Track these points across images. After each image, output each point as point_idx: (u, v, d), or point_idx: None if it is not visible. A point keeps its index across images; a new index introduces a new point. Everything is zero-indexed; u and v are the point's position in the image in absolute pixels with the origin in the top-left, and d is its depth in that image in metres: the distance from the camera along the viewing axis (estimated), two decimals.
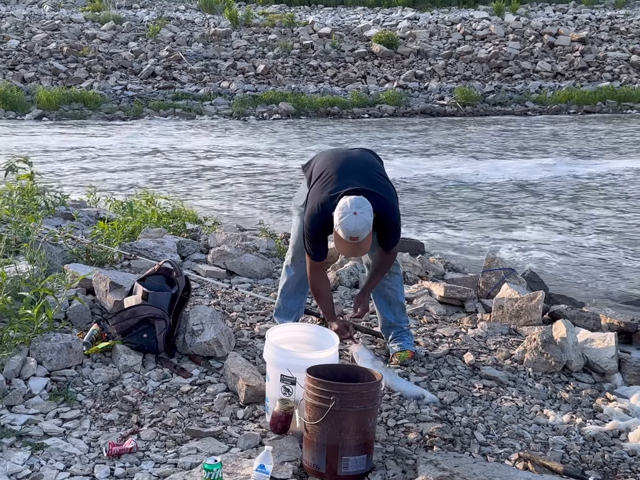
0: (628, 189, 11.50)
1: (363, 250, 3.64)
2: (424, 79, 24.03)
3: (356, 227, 3.46)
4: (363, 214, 3.47)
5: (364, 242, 3.54)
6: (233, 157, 14.33)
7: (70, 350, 3.70)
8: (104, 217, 6.52)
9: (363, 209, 3.48)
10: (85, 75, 22.59)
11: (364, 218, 3.47)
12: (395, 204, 3.79)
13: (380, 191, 3.69)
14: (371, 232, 3.55)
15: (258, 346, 4.14)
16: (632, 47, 26.22)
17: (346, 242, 3.52)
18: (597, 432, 3.55)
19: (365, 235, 3.50)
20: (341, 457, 2.93)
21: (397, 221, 3.78)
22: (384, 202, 3.67)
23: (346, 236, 3.49)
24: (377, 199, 3.61)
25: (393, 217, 3.74)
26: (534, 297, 4.85)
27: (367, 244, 3.58)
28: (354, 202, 3.49)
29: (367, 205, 3.51)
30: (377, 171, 3.87)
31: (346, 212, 3.48)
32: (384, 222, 3.69)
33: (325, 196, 3.67)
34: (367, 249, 3.65)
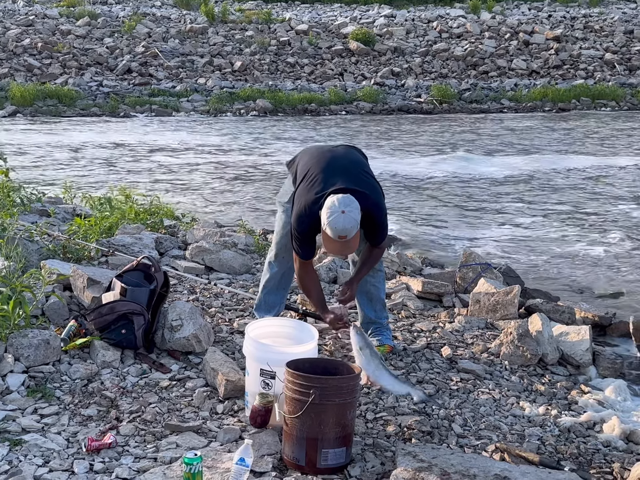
0: (593, 183, 11.69)
1: (352, 249, 3.66)
2: (400, 77, 24.11)
3: (345, 226, 3.47)
4: (351, 213, 3.49)
5: (353, 240, 3.56)
6: (210, 153, 14.29)
7: (47, 347, 3.68)
8: (80, 213, 6.48)
9: (351, 208, 3.50)
10: (60, 71, 22.37)
11: (352, 216, 3.49)
12: (381, 201, 3.81)
13: (366, 189, 3.70)
14: (359, 230, 3.57)
15: (237, 341, 4.15)
16: (606, 46, 26.51)
17: (335, 241, 3.54)
18: (572, 424, 3.60)
19: (353, 234, 3.52)
20: (320, 450, 2.95)
21: (383, 218, 3.79)
22: (370, 200, 3.68)
23: (335, 235, 3.51)
24: (363, 197, 3.63)
25: (379, 214, 3.75)
26: (510, 292, 4.90)
27: (355, 242, 3.60)
28: (341, 201, 3.51)
29: (355, 204, 3.53)
30: (363, 169, 3.88)
31: (334, 211, 3.49)
32: (371, 219, 3.70)
33: (312, 197, 3.69)
34: (356, 247, 3.68)
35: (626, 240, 8.33)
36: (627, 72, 25.14)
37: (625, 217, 9.46)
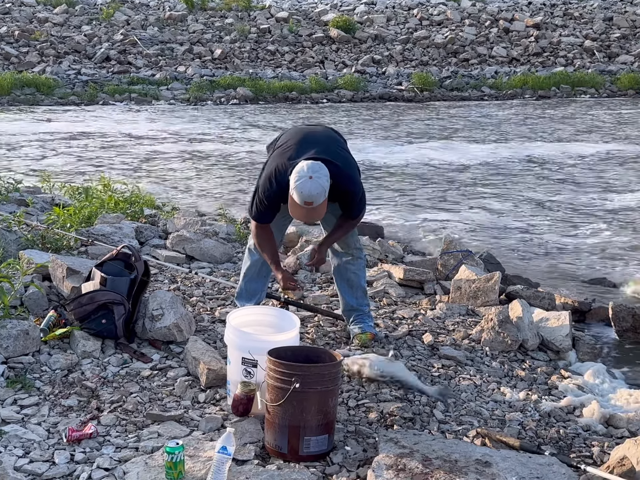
0: (564, 171, 11.76)
1: (317, 216, 3.63)
2: (381, 64, 24.08)
3: (311, 192, 3.45)
4: (319, 179, 3.46)
5: (319, 207, 3.53)
6: (189, 142, 14.20)
7: (27, 337, 3.65)
8: (59, 203, 6.42)
9: (319, 174, 3.48)
10: (38, 60, 22.12)
11: (319, 183, 3.46)
12: (355, 175, 3.79)
13: (339, 161, 3.69)
14: (326, 199, 3.54)
15: (219, 330, 4.14)
16: (586, 33, 26.64)
17: (301, 207, 3.51)
18: (553, 408, 3.64)
19: (320, 201, 3.49)
20: (303, 438, 2.96)
21: (357, 191, 3.77)
22: (342, 172, 3.67)
23: (301, 200, 3.48)
24: (336, 169, 3.61)
25: (352, 187, 3.73)
26: (490, 278, 4.93)
27: (321, 210, 3.57)
28: (310, 167, 3.49)
29: (324, 171, 3.51)
30: (339, 145, 3.88)
31: (302, 175, 3.47)
32: (343, 192, 3.68)
33: (284, 162, 3.67)
34: (322, 215, 3.65)
35: (601, 227, 8.40)
36: (606, 59, 25.30)
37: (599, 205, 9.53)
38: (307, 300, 4.79)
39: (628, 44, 26.12)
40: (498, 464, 2.82)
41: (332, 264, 4.30)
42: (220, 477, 2.71)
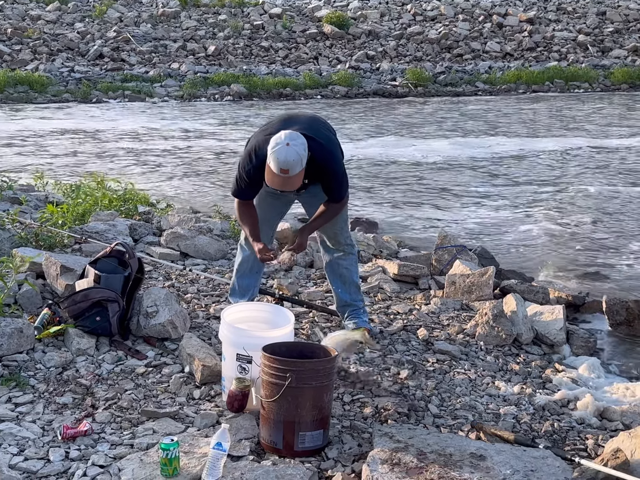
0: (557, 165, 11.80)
1: (293, 185, 3.56)
2: (375, 60, 24.05)
3: (287, 158, 3.41)
4: (296, 147, 3.43)
5: (295, 177, 3.49)
6: (183, 139, 14.18)
7: (21, 335, 3.64)
8: (53, 200, 6.41)
9: (297, 142, 3.45)
10: (31, 57, 22.03)
11: (296, 150, 3.43)
12: (336, 153, 3.75)
13: (321, 139, 3.67)
14: (303, 169, 3.50)
15: (213, 327, 4.14)
16: (579, 27, 26.64)
17: (277, 175, 3.47)
18: (547, 402, 3.65)
19: (296, 170, 3.46)
20: (298, 433, 2.96)
21: (338, 170, 3.73)
22: (324, 148, 3.64)
23: (277, 167, 3.45)
24: (317, 145, 3.59)
25: (333, 165, 3.70)
26: (485, 273, 4.94)
27: (297, 180, 3.52)
28: (288, 135, 3.48)
29: (302, 140, 3.48)
30: (324, 126, 3.86)
31: (279, 142, 3.45)
32: (324, 169, 3.66)
33: (264, 137, 3.64)
34: (297, 185, 3.58)
35: (589, 221, 8.41)
36: (599, 53, 25.31)
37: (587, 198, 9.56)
38: (302, 296, 4.79)
39: (621, 38, 26.14)
40: (492, 457, 2.83)
41: (323, 261, 4.30)
42: (215, 473, 2.71)
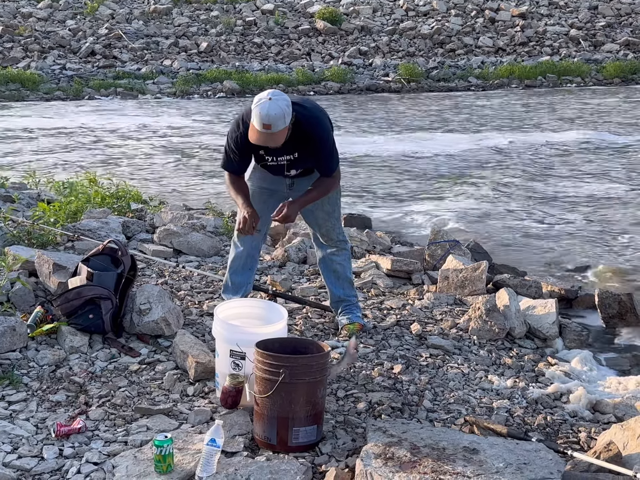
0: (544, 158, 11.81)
1: (276, 141, 3.51)
2: (368, 56, 24.05)
3: (269, 112, 3.39)
4: (278, 101, 3.41)
5: (278, 134, 3.46)
6: (175, 136, 14.15)
7: (14, 333, 3.63)
8: (45, 198, 6.39)
9: (279, 98, 3.43)
10: (22, 55, 21.96)
11: (278, 104, 3.40)
12: (323, 120, 3.70)
13: (308, 105, 3.65)
14: (287, 128, 3.47)
15: (207, 324, 4.14)
16: (571, 22, 26.69)
17: (259, 131, 3.45)
18: (540, 395, 3.66)
19: (279, 126, 3.43)
20: (292, 429, 2.97)
21: (325, 137, 3.67)
22: (311, 113, 3.62)
23: (259, 122, 3.42)
24: (303, 110, 3.58)
25: (320, 131, 3.65)
26: (478, 268, 4.95)
27: (280, 137, 3.48)
28: (271, 92, 3.47)
29: (285, 97, 3.47)
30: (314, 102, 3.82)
31: (261, 97, 3.45)
32: (311, 135, 3.61)
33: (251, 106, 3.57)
34: (280, 142, 3.53)
35: (578, 215, 8.45)
36: (592, 47, 25.37)
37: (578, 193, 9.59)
38: (295, 292, 4.80)
39: (613, 32, 26.21)
40: (486, 450, 2.84)
41: (317, 257, 4.31)
42: (209, 469, 2.72)
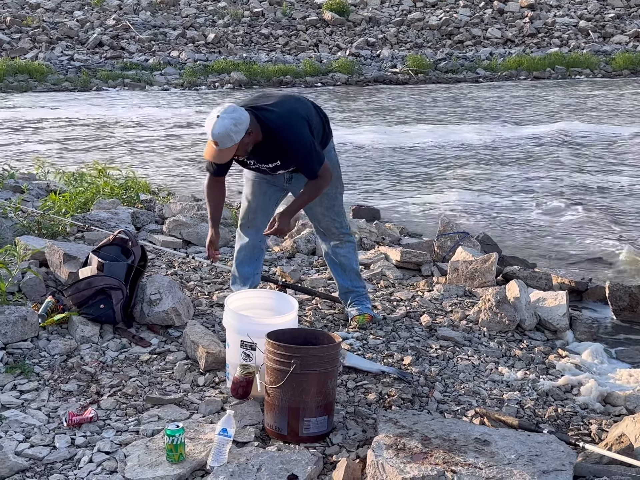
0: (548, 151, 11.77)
1: (221, 159, 3.50)
2: (376, 47, 23.97)
3: (213, 130, 3.37)
4: (225, 120, 3.36)
5: (225, 151, 3.43)
6: (183, 126, 14.15)
7: (25, 323, 3.64)
8: (54, 189, 6.40)
9: (227, 115, 3.38)
10: (30, 46, 21.97)
11: (224, 124, 3.36)
12: (296, 125, 3.56)
13: (281, 110, 3.56)
14: (235, 145, 3.42)
15: (217, 314, 4.14)
16: (580, 13, 26.54)
17: (209, 144, 3.46)
18: (550, 387, 3.66)
19: (225, 145, 3.39)
20: (302, 419, 2.97)
21: (298, 141, 3.55)
22: (282, 121, 3.53)
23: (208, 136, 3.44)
24: (274, 117, 3.51)
25: (292, 136, 3.54)
26: (487, 259, 4.93)
27: (226, 154, 3.46)
28: (222, 108, 3.43)
29: (236, 115, 3.39)
30: (297, 103, 3.72)
31: (211, 115, 3.43)
32: (284, 142, 3.54)
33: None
34: (225, 159, 3.52)
35: (583, 208, 8.42)
36: (601, 39, 25.22)
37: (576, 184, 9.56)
38: (305, 283, 4.80)
39: (623, 24, 26.04)
40: (497, 442, 2.83)
41: (322, 250, 4.30)
42: (220, 459, 2.72)
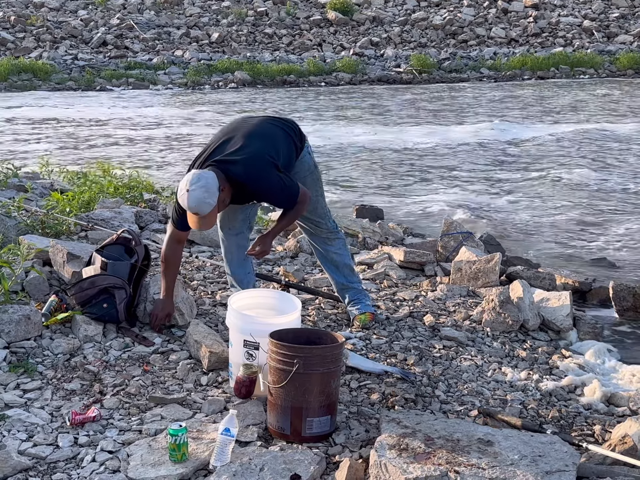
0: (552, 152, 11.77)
1: (208, 224, 3.56)
2: (380, 47, 23.96)
3: (190, 204, 3.42)
4: (195, 191, 3.39)
5: (209, 216, 3.47)
6: (185, 125, 14.16)
7: (28, 322, 3.65)
8: (58, 188, 6.40)
9: (196, 186, 3.40)
10: (34, 45, 22.01)
11: (195, 195, 3.39)
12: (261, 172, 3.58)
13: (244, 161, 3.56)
14: (215, 207, 3.45)
15: (220, 314, 4.14)
16: (584, 13, 26.49)
17: (192, 215, 3.49)
18: (554, 388, 3.65)
19: (205, 210, 3.43)
20: (305, 419, 2.97)
21: (269, 185, 3.59)
22: (248, 170, 3.55)
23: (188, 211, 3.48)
24: (240, 168, 3.54)
25: (261, 182, 3.57)
26: (491, 259, 4.93)
27: (212, 219, 3.52)
28: (188, 179, 3.44)
29: (202, 182, 3.41)
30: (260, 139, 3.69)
31: (181, 189, 3.46)
32: (255, 190, 3.61)
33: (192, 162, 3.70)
34: (212, 224, 3.58)
35: (585, 207, 8.41)
36: (605, 39, 25.18)
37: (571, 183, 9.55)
38: (308, 283, 4.80)
39: (627, 23, 25.99)
40: (500, 442, 2.83)
41: (313, 250, 4.31)
42: (223, 459, 2.72)
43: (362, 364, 3.63)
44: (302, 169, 3.92)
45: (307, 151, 3.98)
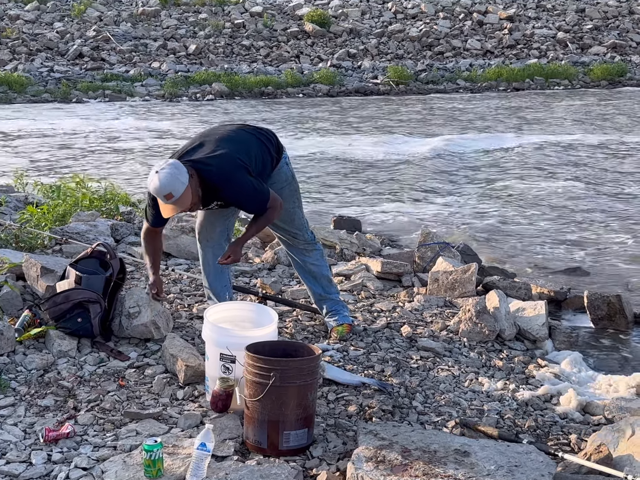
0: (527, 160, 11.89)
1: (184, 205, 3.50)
2: (357, 58, 24.06)
3: (161, 184, 3.38)
4: (164, 170, 3.39)
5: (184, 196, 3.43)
6: (161, 138, 14.11)
7: (1, 337, 3.60)
8: (32, 201, 6.35)
9: (165, 166, 3.42)
10: (9, 57, 21.84)
11: (166, 173, 3.38)
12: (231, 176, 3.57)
13: (215, 164, 3.57)
14: (188, 187, 3.43)
15: (197, 327, 4.11)
16: (558, 24, 26.80)
17: (166, 204, 3.47)
18: (530, 397, 3.67)
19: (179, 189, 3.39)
20: (282, 432, 2.95)
21: (238, 188, 3.58)
22: (218, 171, 3.55)
23: (162, 197, 3.44)
24: (210, 170, 3.54)
25: (230, 185, 3.56)
26: (467, 270, 4.95)
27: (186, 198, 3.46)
28: (159, 163, 3.47)
29: (171, 163, 3.44)
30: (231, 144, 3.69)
31: (150, 176, 3.45)
32: (225, 192, 3.60)
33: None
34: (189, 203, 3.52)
35: (564, 217, 8.49)
36: (579, 50, 25.48)
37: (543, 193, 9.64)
38: (285, 294, 4.78)
39: (600, 35, 26.34)
40: (477, 453, 2.83)
41: (291, 261, 4.30)
42: (199, 474, 2.70)
43: (339, 376, 3.63)
44: (279, 180, 3.92)
45: (285, 162, 3.98)
